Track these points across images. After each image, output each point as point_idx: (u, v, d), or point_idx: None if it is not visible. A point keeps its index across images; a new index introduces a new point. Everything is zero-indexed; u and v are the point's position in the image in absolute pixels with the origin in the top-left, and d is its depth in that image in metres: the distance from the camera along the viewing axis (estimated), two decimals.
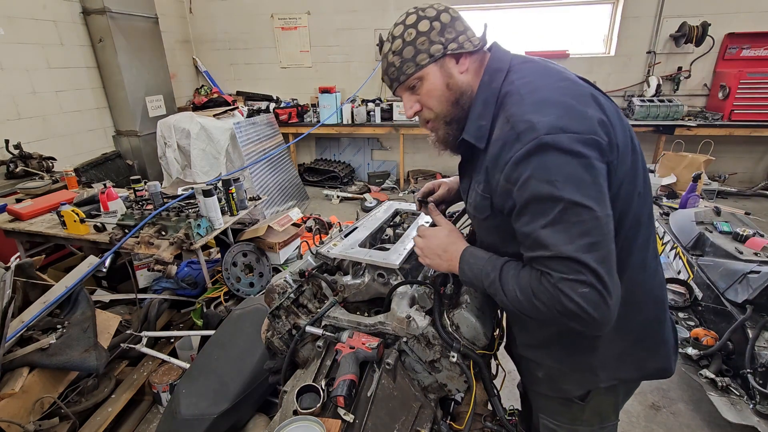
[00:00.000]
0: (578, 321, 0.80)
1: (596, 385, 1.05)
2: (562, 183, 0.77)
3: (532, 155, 0.79)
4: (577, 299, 0.78)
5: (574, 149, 0.78)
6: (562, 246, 0.78)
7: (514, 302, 0.88)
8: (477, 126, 0.94)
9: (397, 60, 0.95)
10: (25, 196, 3.03)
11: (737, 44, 4.94)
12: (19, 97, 3.80)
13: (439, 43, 0.93)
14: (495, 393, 1.27)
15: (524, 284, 0.86)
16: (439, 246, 1.06)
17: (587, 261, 0.77)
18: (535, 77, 0.90)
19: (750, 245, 2.43)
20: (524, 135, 0.81)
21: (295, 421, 1.01)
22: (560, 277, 0.79)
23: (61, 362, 1.83)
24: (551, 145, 0.78)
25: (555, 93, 0.85)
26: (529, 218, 0.82)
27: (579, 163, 0.78)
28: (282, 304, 1.32)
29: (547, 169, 0.79)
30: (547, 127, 0.79)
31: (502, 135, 0.86)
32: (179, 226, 2.42)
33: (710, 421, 2.13)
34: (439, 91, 0.96)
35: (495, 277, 0.91)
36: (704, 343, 2.24)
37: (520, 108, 0.85)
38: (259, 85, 6.24)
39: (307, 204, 5.45)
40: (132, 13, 4.56)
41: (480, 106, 0.94)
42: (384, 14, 5.58)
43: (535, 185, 0.80)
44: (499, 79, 0.93)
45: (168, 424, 1.69)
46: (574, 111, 0.82)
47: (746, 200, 5.05)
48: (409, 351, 1.19)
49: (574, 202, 0.77)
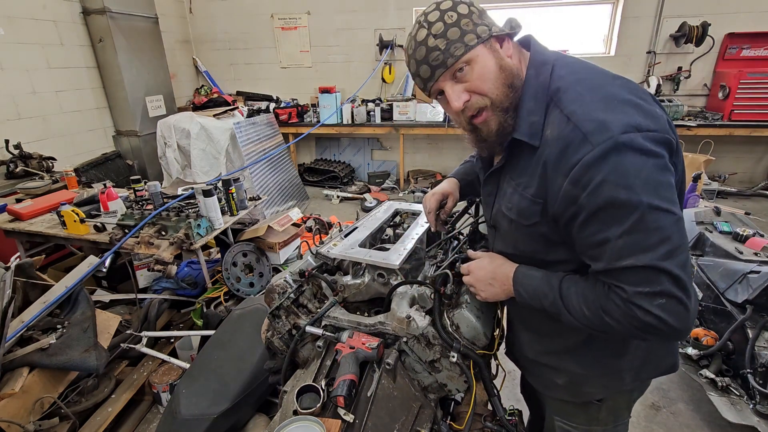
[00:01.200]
0: (658, 333, 0.76)
1: (621, 389, 1.04)
2: (641, 187, 0.72)
3: (606, 157, 0.73)
4: (656, 312, 0.74)
5: (651, 149, 0.73)
6: (640, 255, 0.73)
7: (582, 320, 0.84)
8: (529, 122, 0.85)
9: (441, 42, 0.84)
10: (25, 196, 3.03)
11: (737, 44, 4.94)
12: (19, 97, 3.80)
13: (484, 25, 0.87)
14: (495, 393, 1.27)
15: (591, 302, 0.81)
16: (487, 275, 1.02)
17: (668, 268, 0.72)
18: (587, 73, 0.84)
19: (750, 245, 2.43)
20: (594, 135, 0.74)
21: (295, 421, 1.01)
22: (634, 291, 0.75)
23: (61, 362, 1.83)
24: (627, 146, 0.72)
25: (618, 90, 0.79)
26: (599, 226, 0.76)
27: (655, 164, 0.73)
28: (282, 304, 1.32)
29: (623, 173, 0.72)
30: (621, 126, 0.73)
31: (563, 135, 0.79)
32: (179, 226, 2.42)
33: (710, 421, 2.13)
34: (493, 72, 0.86)
35: (555, 296, 0.87)
36: (704, 343, 2.24)
37: (582, 105, 0.78)
38: (259, 85, 6.24)
39: (307, 204, 5.45)
40: (132, 13, 4.56)
41: (530, 102, 0.86)
42: (384, 14, 5.58)
43: (609, 190, 0.73)
44: (546, 72, 0.86)
45: (168, 424, 1.69)
46: (645, 109, 0.77)
47: (746, 200, 5.05)
48: (409, 351, 1.19)
49: (653, 207, 0.72)
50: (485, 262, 1.05)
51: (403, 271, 1.27)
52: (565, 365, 1.06)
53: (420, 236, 1.37)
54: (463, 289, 1.21)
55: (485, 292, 1.04)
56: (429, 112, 5.33)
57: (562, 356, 1.06)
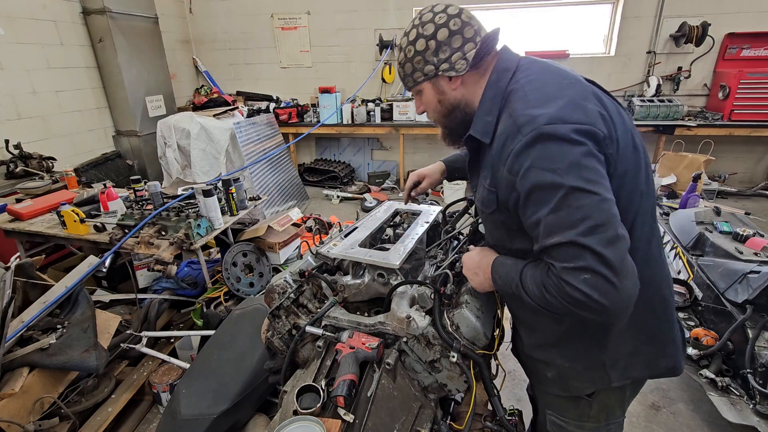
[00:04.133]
0: (589, 310, 0.79)
1: (608, 385, 1.05)
2: (563, 170, 0.79)
3: (531, 145, 0.82)
4: (581, 287, 0.77)
5: (573, 138, 0.80)
6: (564, 232, 0.79)
7: (537, 300, 0.88)
8: (483, 122, 0.97)
9: (401, 72, 1.08)
10: (25, 196, 3.03)
11: (737, 44, 4.94)
12: (19, 97, 3.79)
13: (432, 64, 1.01)
14: (495, 393, 1.27)
15: (538, 281, 0.87)
16: (473, 266, 1.10)
17: (589, 244, 0.76)
18: (540, 75, 0.94)
19: (750, 245, 2.43)
20: (525, 127, 0.84)
21: (295, 421, 1.01)
22: (562, 266, 0.80)
23: (61, 362, 1.83)
24: (551, 134, 0.81)
25: (558, 89, 0.89)
26: (533, 208, 0.84)
27: (579, 150, 0.80)
28: (282, 304, 1.32)
29: (547, 158, 0.81)
30: (547, 118, 0.82)
31: (505, 129, 0.90)
32: (179, 226, 2.42)
33: (710, 421, 2.13)
34: (433, 105, 1.08)
35: (518, 280, 0.92)
36: (704, 343, 2.24)
37: (523, 103, 0.89)
38: (259, 85, 6.24)
39: (307, 204, 5.45)
40: (132, 13, 4.55)
41: (487, 103, 0.98)
42: (384, 14, 5.58)
43: (536, 174, 0.82)
44: (506, 78, 0.97)
45: (168, 424, 1.69)
46: (575, 104, 0.85)
47: (746, 200, 5.05)
48: (409, 351, 1.19)
49: (575, 188, 0.78)
50: (474, 253, 1.13)
51: (403, 271, 1.27)
52: (553, 358, 1.10)
53: (420, 236, 1.37)
54: (463, 289, 1.21)
55: (473, 281, 1.12)
56: None
57: (550, 349, 1.10)
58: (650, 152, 5.38)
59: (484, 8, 5.51)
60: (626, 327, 0.99)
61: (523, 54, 1.06)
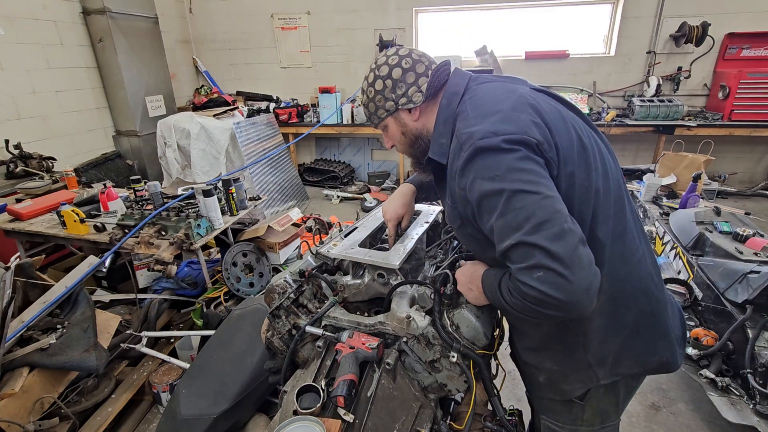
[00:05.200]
0: (549, 307, 0.81)
1: (596, 383, 1.05)
2: (502, 175, 0.84)
3: (471, 159, 0.88)
4: (534, 284, 0.79)
5: (504, 147, 0.85)
6: (512, 234, 0.82)
7: (511, 306, 0.90)
8: (438, 144, 1.04)
9: (366, 113, 1.18)
10: (25, 196, 3.03)
11: (737, 44, 4.94)
12: (19, 97, 3.79)
13: (391, 100, 1.10)
14: (495, 393, 1.27)
15: (504, 286, 0.91)
16: (466, 282, 1.12)
17: (536, 242, 0.79)
18: (482, 95, 1.00)
19: (750, 245, 2.43)
20: (465, 144, 0.91)
21: (295, 421, 1.01)
22: (516, 268, 0.83)
23: (61, 362, 1.83)
24: (484, 147, 0.87)
25: (493, 105, 0.95)
26: (486, 216, 0.88)
27: (513, 156, 0.85)
28: (282, 304, 1.32)
29: (486, 167, 0.86)
30: (481, 134, 0.88)
31: (452, 148, 0.98)
32: (179, 226, 2.42)
33: (710, 421, 2.13)
34: (398, 137, 1.16)
35: (497, 290, 0.94)
36: (704, 343, 2.24)
37: (463, 122, 0.96)
38: (259, 85, 6.24)
39: (307, 204, 5.45)
40: (132, 13, 4.55)
41: (440, 127, 1.05)
42: (384, 14, 5.58)
43: (479, 184, 0.87)
44: (455, 101, 1.03)
45: (168, 424, 1.69)
46: (506, 116, 0.90)
47: (746, 200, 5.05)
48: (409, 351, 1.19)
49: (516, 190, 0.82)
50: (466, 268, 1.14)
51: (403, 271, 1.27)
52: (542, 362, 1.11)
53: (420, 236, 1.37)
54: None
55: (468, 296, 1.13)
56: None
57: (539, 353, 1.11)
58: (650, 152, 5.39)
59: (484, 8, 5.51)
60: (606, 324, 0.99)
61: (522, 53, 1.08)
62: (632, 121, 5.00)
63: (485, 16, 5.60)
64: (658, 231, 3.16)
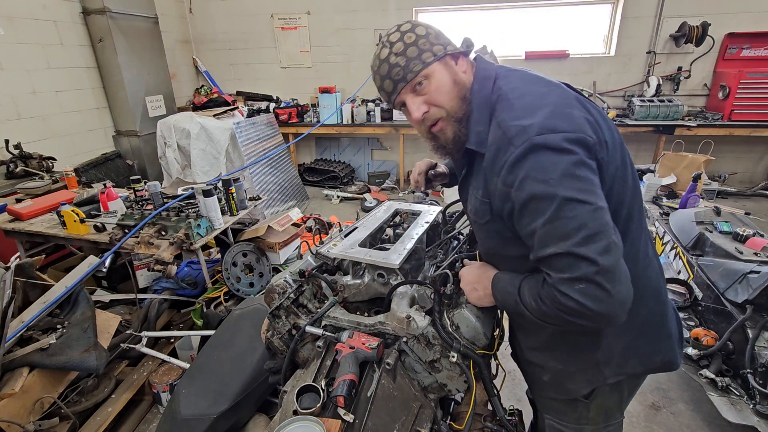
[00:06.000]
0: (585, 318, 0.80)
1: (603, 382, 1.05)
2: (556, 180, 0.79)
3: (525, 157, 0.82)
4: (575, 296, 0.78)
5: (564, 147, 0.81)
6: (559, 242, 0.79)
7: (535, 313, 0.89)
8: (476, 132, 0.96)
9: (401, 60, 0.95)
10: (25, 196, 3.03)
11: (737, 44, 4.94)
12: (19, 97, 3.79)
13: (439, 44, 0.96)
14: (495, 393, 1.27)
15: (534, 293, 0.87)
16: (472, 281, 1.10)
17: (584, 254, 0.77)
18: (520, 84, 0.94)
19: (750, 245, 2.42)
20: (516, 138, 0.84)
21: (295, 421, 1.01)
22: (558, 277, 0.81)
23: (61, 362, 1.83)
24: (542, 145, 0.81)
25: (541, 97, 0.89)
26: (528, 219, 0.84)
27: (569, 160, 0.80)
28: (282, 304, 1.32)
29: (540, 169, 0.81)
30: (537, 129, 0.82)
31: (495, 140, 0.90)
32: (179, 226, 2.42)
33: (710, 421, 2.13)
34: (448, 86, 0.96)
35: (516, 296, 0.93)
36: (704, 343, 2.24)
37: (509, 113, 0.88)
38: (259, 85, 6.24)
39: (307, 204, 5.45)
40: (132, 13, 4.55)
41: (477, 113, 0.96)
42: (384, 14, 5.58)
43: (530, 185, 0.82)
44: (489, 86, 0.96)
45: (168, 424, 1.69)
46: (561, 112, 0.85)
47: (746, 200, 5.05)
48: (409, 351, 1.19)
49: (569, 198, 0.79)
50: (474, 268, 1.13)
51: (403, 271, 1.27)
52: (546, 361, 1.11)
53: (420, 236, 1.37)
54: None
55: (470, 296, 1.12)
56: None
57: (544, 352, 1.11)
58: (650, 152, 5.39)
59: (484, 8, 5.51)
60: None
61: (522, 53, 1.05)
62: (632, 121, 5.00)
63: (485, 16, 5.60)
64: (658, 231, 3.16)
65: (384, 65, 0.98)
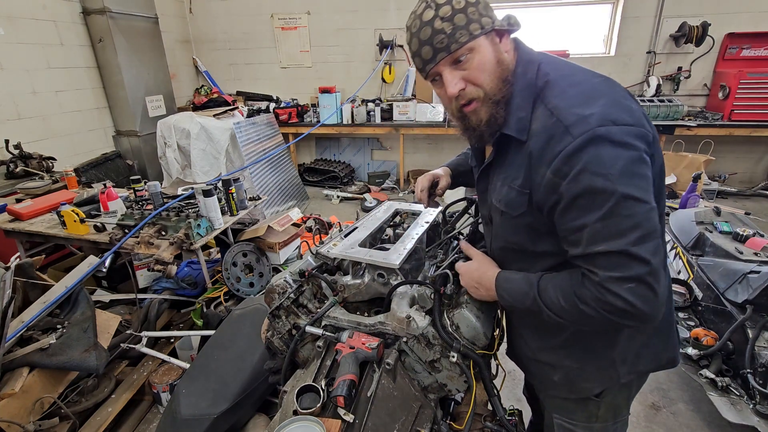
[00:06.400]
0: (630, 318, 0.79)
1: (617, 381, 1.04)
2: (616, 176, 0.76)
3: (584, 148, 0.77)
4: (625, 295, 0.77)
5: (627, 141, 0.77)
6: (613, 240, 0.77)
7: (561, 313, 0.87)
8: (517, 118, 0.89)
9: (447, 26, 0.85)
10: (25, 196, 3.03)
11: (737, 44, 4.94)
12: (19, 97, 3.79)
13: (488, 17, 0.87)
14: (495, 393, 1.27)
15: (567, 292, 0.84)
16: (472, 279, 1.08)
17: (639, 254, 0.76)
18: (570, 71, 0.89)
19: (750, 245, 2.42)
20: (574, 127, 0.79)
21: (295, 421, 1.01)
22: (607, 275, 0.78)
23: (61, 362, 1.83)
24: (605, 138, 0.77)
25: (597, 87, 0.84)
26: (578, 213, 0.80)
27: (631, 156, 0.77)
28: (282, 304, 1.32)
29: (601, 162, 0.77)
30: (598, 120, 0.78)
31: (546, 127, 0.83)
32: (179, 226, 2.42)
33: (710, 421, 2.13)
34: (492, 65, 0.88)
35: (534, 294, 0.90)
36: (704, 343, 2.24)
37: (564, 100, 0.83)
38: (259, 85, 6.24)
39: (307, 204, 5.45)
40: (132, 13, 4.55)
41: (518, 98, 0.89)
42: (384, 14, 5.58)
43: (587, 178, 0.77)
44: (533, 70, 0.90)
45: (168, 424, 1.69)
46: (621, 104, 0.81)
47: (746, 200, 5.04)
48: (409, 351, 1.19)
49: (627, 196, 0.76)
50: (474, 266, 1.10)
51: (403, 271, 1.27)
52: (560, 360, 1.09)
53: (420, 236, 1.37)
54: (463, 289, 1.21)
55: (472, 293, 1.11)
56: (429, 112, 5.33)
57: (558, 351, 1.08)
58: None
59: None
60: None
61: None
62: None
63: None
64: None
65: (426, 29, 0.87)
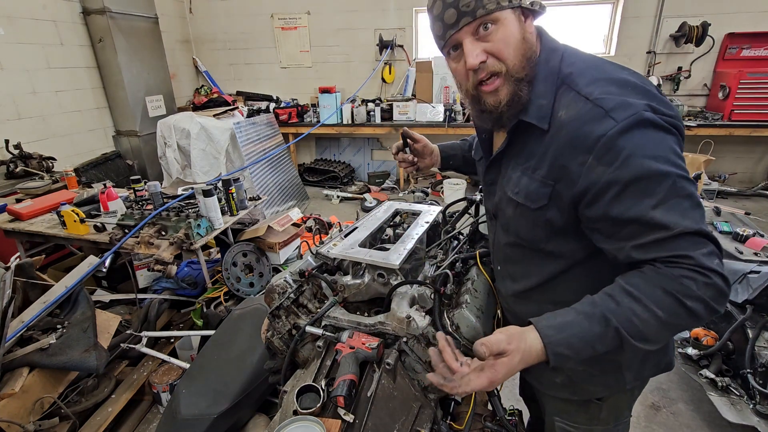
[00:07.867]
0: (724, 299, 0.74)
1: (622, 387, 1.03)
2: (666, 158, 0.74)
3: (631, 131, 0.74)
4: (721, 270, 0.73)
5: (670, 128, 0.77)
6: (684, 221, 0.73)
7: (657, 331, 0.75)
8: (537, 106, 0.85)
9: None
10: (25, 196, 3.03)
11: (737, 44, 4.94)
12: (19, 97, 3.80)
13: None
14: (495, 393, 1.27)
15: (659, 297, 0.73)
16: (513, 365, 0.77)
17: (707, 231, 0.74)
18: (596, 61, 0.86)
19: (750, 245, 2.43)
20: (616, 112, 0.75)
21: (295, 421, 1.01)
22: (699, 254, 0.73)
23: (61, 362, 1.83)
24: (651, 121, 0.74)
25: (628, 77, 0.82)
26: (632, 201, 0.75)
27: (674, 140, 0.77)
28: (282, 304, 1.32)
29: (648, 145, 0.74)
30: (643, 105, 0.75)
31: (581, 114, 0.79)
32: (179, 226, 2.42)
33: (710, 421, 2.13)
34: (517, 40, 0.83)
35: (613, 326, 0.74)
36: (704, 343, 2.24)
37: (600, 87, 0.79)
38: (259, 85, 6.24)
39: (307, 204, 5.45)
40: (132, 13, 4.55)
41: (540, 85, 0.85)
42: (384, 14, 5.58)
43: (639, 162, 0.73)
44: (556, 59, 0.87)
45: (168, 424, 1.69)
46: (656, 95, 0.80)
47: (746, 200, 5.05)
48: (409, 351, 1.19)
49: (681, 175, 0.74)
50: (501, 337, 0.79)
51: (403, 271, 1.27)
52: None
53: (420, 236, 1.37)
54: (463, 289, 1.21)
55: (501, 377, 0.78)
56: (429, 112, 5.33)
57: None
58: None
59: None
60: None
61: None
62: None
63: None
64: None
65: None
